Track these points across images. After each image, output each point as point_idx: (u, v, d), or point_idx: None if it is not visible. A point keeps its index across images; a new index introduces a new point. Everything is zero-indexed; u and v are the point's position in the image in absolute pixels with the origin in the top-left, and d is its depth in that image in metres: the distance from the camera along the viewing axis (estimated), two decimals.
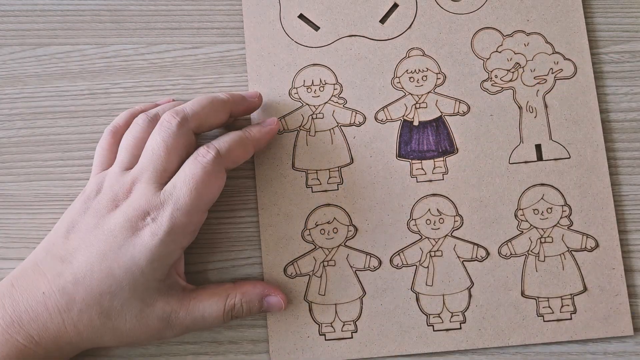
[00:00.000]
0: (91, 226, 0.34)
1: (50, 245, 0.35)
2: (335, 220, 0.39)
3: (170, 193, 0.34)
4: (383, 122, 0.40)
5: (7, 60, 0.41)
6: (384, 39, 0.41)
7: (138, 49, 0.42)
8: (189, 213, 0.33)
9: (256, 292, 0.37)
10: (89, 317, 0.33)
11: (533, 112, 0.40)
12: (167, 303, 0.34)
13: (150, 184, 0.34)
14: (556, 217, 0.39)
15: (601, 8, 0.42)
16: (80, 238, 0.34)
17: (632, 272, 0.39)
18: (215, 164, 0.34)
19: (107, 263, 0.33)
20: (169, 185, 0.34)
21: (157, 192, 0.34)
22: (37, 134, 0.41)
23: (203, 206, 0.34)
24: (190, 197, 0.33)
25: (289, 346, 0.38)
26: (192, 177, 0.34)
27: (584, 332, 0.38)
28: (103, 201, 0.34)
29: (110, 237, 0.33)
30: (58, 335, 0.33)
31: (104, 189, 0.35)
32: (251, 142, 0.37)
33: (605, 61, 0.41)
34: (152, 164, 0.34)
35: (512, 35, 0.41)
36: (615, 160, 0.40)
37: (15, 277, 0.34)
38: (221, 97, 0.37)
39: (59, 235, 0.35)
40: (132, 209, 0.33)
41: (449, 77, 0.41)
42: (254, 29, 0.41)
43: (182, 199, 0.33)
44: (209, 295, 0.36)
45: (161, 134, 0.35)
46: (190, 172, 0.34)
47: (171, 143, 0.34)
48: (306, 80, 0.41)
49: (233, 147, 0.36)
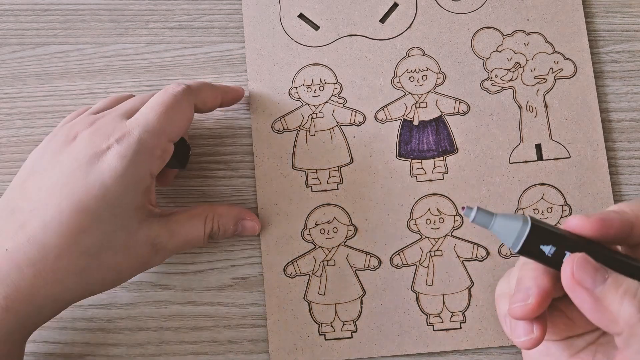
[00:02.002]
0: (50, 163, 0.32)
1: (7, 199, 0.32)
2: (335, 220, 0.39)
3: (137, 118, 0.33)
4: (383, 121, 0.40)
5: (6, 60, 0.41)
6: (384, 38, 0.41)
7: (138, 49, 0.42)
8: (157, 134, 0.32)
9: (232, 214, 0.37)
10: (69, 260, 0.30)
11: (533, 112, 0.40)
12: (149, 229, 0.33)
13: (117, 115, 0.33)
14: (556, 217, 0.39)
15: (601, 8, 0.42)
16: (39, 179, 0.31)
17: None
18: (185, 94, 0.34)
19: (76, 197, 0.30)
20: (137, 113, 0.33)
21: (122, 120, 0.33)
22: (36, 134, 0.41)
23: (170, 133, 0.33)
24: (159, 119, 0.32)
25: (289, 346, 0.38)
26: (162, 103, 0.33)
27: None
28: (61, 135, 0.33)
29: (75, 166, 0.31)
30: (33, 292, 0.30)
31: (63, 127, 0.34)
32: (220, 90, 0.37)
33: (606, 61, 0.41)
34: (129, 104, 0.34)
35: (512, 34, 0.41)
36: (615, 160, 0.40)
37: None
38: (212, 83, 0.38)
39: (15, 186, 0.32)
40: (94, 134, 0.32)
41: (449, 76, 0.41)
42: (253, 29, 0.41)
43: (150, 121, 0.32)
44: (189, 218, 0.35)
45: (162, 95, 0.34)
46: (160, 99, 0.33)
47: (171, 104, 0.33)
48: (306, 79, 0.41)
49: (203, 88, 0.36)
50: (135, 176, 0.32)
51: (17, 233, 0.30)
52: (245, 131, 0.41)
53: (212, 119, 0.41)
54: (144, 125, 0.32)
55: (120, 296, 0.39)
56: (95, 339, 0.38)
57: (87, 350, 0.38)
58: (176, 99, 0.34)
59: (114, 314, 0.39)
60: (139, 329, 0.39)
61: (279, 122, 0.40)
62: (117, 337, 0.38)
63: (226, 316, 0.39)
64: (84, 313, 0.39)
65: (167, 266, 0.39)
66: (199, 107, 0.36)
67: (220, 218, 0.37)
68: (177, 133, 0.34)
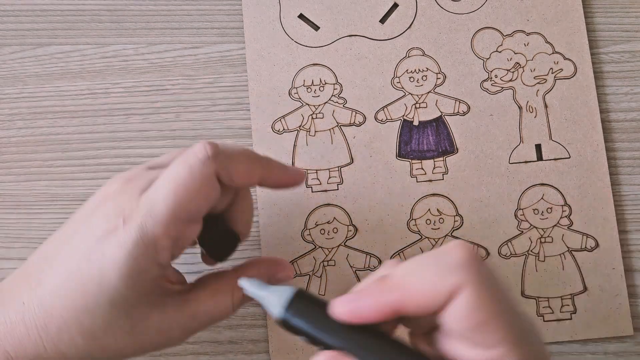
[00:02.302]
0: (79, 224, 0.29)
1: (47, 244, 0.30)
2: (335, 220, 0.39)
3: (147, 196, 0.27)
4: (383, 122, 0.40)
5: (7, 60, 0.41)
6: (384, 38, 0.41)
7: (138, 49, 0.42)
8: (164, 224, 0.27)
9: (262, 274, 0.32)
10: (69, 337, 0.28)
11: (533, 112, 0.40)
12: (163, 313, 0.29)
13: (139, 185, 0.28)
14: (556, 217, 0.39)
15: (601, 8, 0.42)
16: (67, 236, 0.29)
17: (632, 272, 0.39)
18: (206, 166, 0.28)
19: (80, 273, 0.27)
20: (152, 185, 0.28)
21: (139, 192, 0.28)
22: (37, 134, 0.41)
23: (186, 216, 0.27)
24: (166, 201, 0.27)
25: (289, 346, 0.38)
26: (174, 178, 0.27)
27: (584, 332, 0.38)
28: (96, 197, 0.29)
29: (86, 239, 0.28)
30: (37, 355, 0.28)
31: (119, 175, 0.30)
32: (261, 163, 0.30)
33: (605, 61, 0.41)
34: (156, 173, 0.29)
35: (512, 35, 0.41)
36: (615, 160, 0.40)
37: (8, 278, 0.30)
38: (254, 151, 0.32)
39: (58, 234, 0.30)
40: (111, 204, 0.28)
41: (449, 77, 0.41)
42: (254, 29, 0.41)
43: (157, 205, 0.27)
44: (212, 294, 0.30)
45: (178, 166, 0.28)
46: (174, 171, 0.27)
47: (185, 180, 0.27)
48: (306, 80, 0.41)
49: (236, 156, 0.29)
50: (136, 269, 0.27)
51: (35, 289, 0.28)
52: (245, 131, 0.41)
53: (212, 120, 0.41)
54: (148, 208, 0.27)
55: None
56: None
57: None
58: (192, 173, 0.27)
59: None
60: None
61: (279, 123, 0.40)
62: None
63: None
64: None
65: None
66: (224, 181, 0.29)
67: None
68: (195, 214, 0.28)
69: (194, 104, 0.41)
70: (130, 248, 0.27)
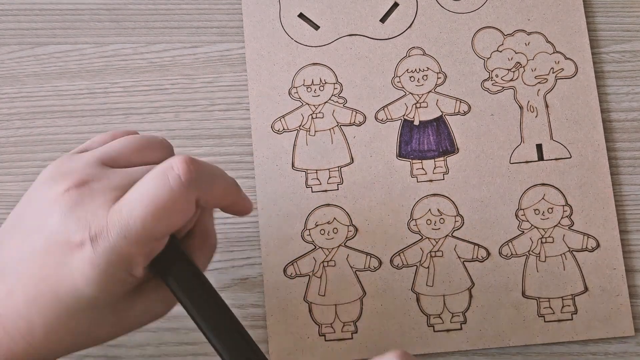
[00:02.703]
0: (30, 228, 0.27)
1: None
2: (335, 221, 0.39)
3: (120, 211, 0.26)
4: (383, 121, 0.40)
5: (5, 60, 0.41)
6: (384, 38, 0.41)
7: (137, 48, 0.41)
8: (138, 242, 0.26)
9: None
10: (58, 338, 0.27)
11: (534, 112, 0.40)
12: (145, 297, 0.29)
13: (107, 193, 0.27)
14: (557, 217, 0.39)
15: (602, 7, 0.42)
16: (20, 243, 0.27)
17: (633, 272, 0.39)
18: (187, 190, 0.26)
19: (51, 285, 0.26)
20: (123, 200, 0.26)
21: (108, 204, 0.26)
22: (35, 134, 0.41)
23: (160, 235, 0.27)
24: (143, 222, 0.26)
25: (289, 347, 0.38)
26: (153, 199, 0.26)
27: (585, 332, 0.38)
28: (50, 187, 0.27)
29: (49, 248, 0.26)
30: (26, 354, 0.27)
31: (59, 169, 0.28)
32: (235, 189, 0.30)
33: (607, 61, 0.41)
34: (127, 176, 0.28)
35: (512, 34, 0.41)
36: (616, 160, 0.40)
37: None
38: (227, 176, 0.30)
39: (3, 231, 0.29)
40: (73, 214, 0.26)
41: (450, 76, 0.41)
42: (253, 28, 0.41)
43: (132, 225, 0.26)
44: None
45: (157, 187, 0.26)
46: (153, 191, 0.26)
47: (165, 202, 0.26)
48: (306, 79, 0.41)
49: (216, 179, 0.29)
50: (110, 282, 0.27)
51: (7, 300, 0.27)
52: (245, 131, 0.41)
53: (211, 119, 0.41)
54: (124, 227, 0.26)
55: None
56: None
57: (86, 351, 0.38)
58: (173, 197, 0.26)
59: None
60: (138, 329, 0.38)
61: (279, 122, 0.40)
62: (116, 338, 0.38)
63: None
64: None
65: None
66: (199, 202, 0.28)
67: None
68: (166, 234, 0.27)
69: (193, 103, 0.41)
70: (103, 267, 0.26)
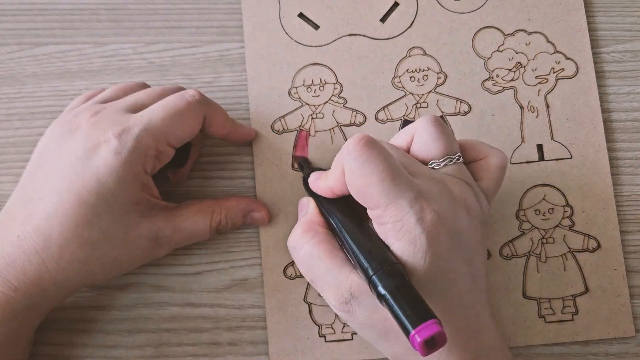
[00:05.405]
0: (54, 154, 0.33)
1: (20, 188, 0.34)
2: None
3: (142, 115, 0.33)
4: (384, 122, 0.40)
5: (5, 60, 0.41)
6: (384, 38, 0.41)
7: (137, 48, 0.41)
8: (156, 136, 0.32)
9: (240, 207, 0.37)
10: (70, 251, 0.32)
11: (534, 112, 0.40)
12: (152, 223, 0.34)
13: (122, 108, 0.33)
14: (558, 218, 0.39)
15: (603, 7, 0.42)
16: (46, 171, 0.33)
17: (634, 272, 0.39)
18: (199, 105, 0.34)
19: (75, 190, 0.31)
20: (145, 110, 0.33)
21: (126, 114, 0.33)
22: (35, 134, 0.40)
23: (171, 139, 0.33)
24: (163, 121, 0.33)
25: (289, 348, 0.38)
26: (173, 106, 0.33)
27: (586, 333, 0.38)
28: (66, 123, 0.34)
29: (73, 159, 0.32)
30: (39, 277, 0.32)
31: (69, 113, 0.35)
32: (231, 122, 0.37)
33: (607, 60, 0.41)
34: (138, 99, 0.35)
35: (513, 34, 0.41)
36: (617, 161, 0.40)
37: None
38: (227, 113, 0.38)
39: (27, 174, 0.34)
40: (94, 126, 0.32)
41: (450, 76, 0.41)
42: (253, 28, 0.41)
43: (154, 121, 0.32)
44: (194, 213, 0.36)
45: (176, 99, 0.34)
46: (172, 101, 0.33)
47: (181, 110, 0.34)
48: (306, 79, 0.41)
49: (218, 110, 0.36)
50: (129, 173, 0.32)
51: (27, 221, 0.32)
52: None
53: None
54: (146, 123, 0.32)
55: (119, 298, 0.39)
56: (94, 341, 0.38)
57: (86, 352, 0.38)
58: (189, 107, 0.34)
59: (113, 315, 0.38)
60: (137, 330, 0.38)
61: (279, 123, 0.40)
62: (116, 339, 0.38)
63: (225, 318, 0.39)
64: (83, 314, 0.38)
65: (166, 268, 0.39)
66: (205, 124, 0.35)
67: (228, 212, 0.37)
68: (178, 140, 0.34)
69: None
70: (125, 155, 0.31)
